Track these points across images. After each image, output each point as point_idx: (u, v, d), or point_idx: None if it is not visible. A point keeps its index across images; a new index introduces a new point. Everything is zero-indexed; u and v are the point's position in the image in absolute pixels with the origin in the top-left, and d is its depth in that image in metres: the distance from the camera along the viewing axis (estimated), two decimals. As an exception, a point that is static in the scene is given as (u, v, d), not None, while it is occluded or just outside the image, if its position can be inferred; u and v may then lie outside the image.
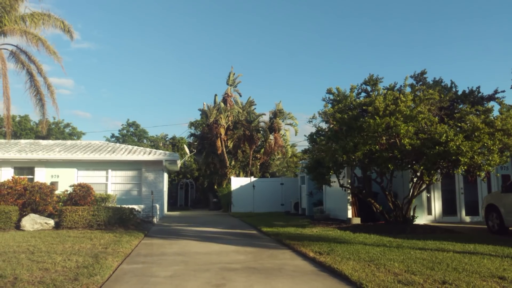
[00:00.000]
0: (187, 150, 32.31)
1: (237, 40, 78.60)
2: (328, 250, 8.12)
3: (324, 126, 14.15)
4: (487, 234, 11.06)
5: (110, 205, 15.18)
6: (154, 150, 20.71)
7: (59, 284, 5.60)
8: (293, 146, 36.18)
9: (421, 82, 13.96)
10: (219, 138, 28.62)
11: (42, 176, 17.46)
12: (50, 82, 16.78)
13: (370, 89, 13.49)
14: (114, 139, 44.62)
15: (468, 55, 72.83)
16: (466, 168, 10.94)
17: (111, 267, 6.82)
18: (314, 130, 14.35)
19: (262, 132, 30.53)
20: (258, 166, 31.17)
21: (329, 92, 13.65)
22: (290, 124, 31.38)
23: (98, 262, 7.06)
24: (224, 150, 28.94)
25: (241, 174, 30.11)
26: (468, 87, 13.87)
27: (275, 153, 30.82)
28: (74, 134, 45.39)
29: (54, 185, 15.57)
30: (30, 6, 17.26)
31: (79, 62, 72.85)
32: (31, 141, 21.97)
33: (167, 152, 21.50)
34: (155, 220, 17.11)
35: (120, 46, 76.25)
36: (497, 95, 13.20)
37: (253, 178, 25.77)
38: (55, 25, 15.98)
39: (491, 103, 13.08)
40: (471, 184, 14.43)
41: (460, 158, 10.48)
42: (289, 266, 7.11)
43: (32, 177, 17.22)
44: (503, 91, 13.17)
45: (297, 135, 35.28)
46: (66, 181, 17.29)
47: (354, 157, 11.72)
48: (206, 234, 12.50)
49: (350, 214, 14.73)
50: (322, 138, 13.70)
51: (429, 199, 14.62)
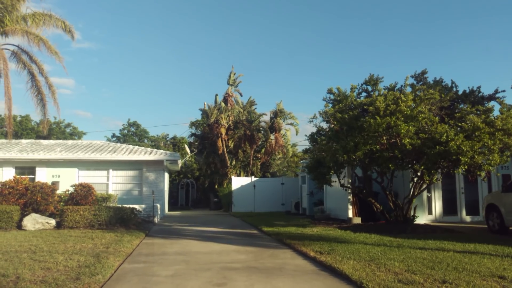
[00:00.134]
0: (188, 150, 32.35)
1: (238, 39, 78.70)
2: (328, 250, 8.15)
3: (324, 126, 14.19)
4: (488, 234, 11.08)
5: (111, 204, 15.21)
6: (155, 150, 20.73)
7: (61, 283, 5.64)
8: (293, 145, 36.19)
9: (421, 82, 13.99)
10: (220, 138, 28.63)
11: (43, 176, 17.49)
12: (52, 82, 16.81)
13: (370, 89, 13.53)
14: (115, 139, 44.67)
15: (468, 55, 72.85)
16: (466, 167, 10.95)
17: (113, 267, 6.85)
18: (314, 130, 14.40)
19: (262, 132, 30.55)
20: (258, 166, 31.18)
21: (329, 92, 13.68)
22: (291, 123, 31.42)
23: (100, 262, 7.09)
24: (225, 150, 28.97)
25: (241, 174, 30.13)
26: (468, 87, 13.94)
27: (276, 153, 30.83)
28: (75, 134, 45.46)
29: (55, 185, 15.60)
30: (31, 6, 17.27)
31: (80, 62, 73.04)
32: (32, 141, 22.01)
33: (168, 152, 21.53)
34: (156, 219, 17.14)
35: (121, 46, 76.40)
36: (497, 95, 13.27)
37: (253, 178, 25.78)
38: (56, 25, 16.00)
39: (492, 103, 13.15)
40: (472, 183, 14.46)
41: (460, 158, 10.49)
42: (289, 266, 7.14)
43: (33, 177, 17.27)
44: (504, 91, 13.26)
45: (297, 135, 35.29)
46: (67, 181, 17.33)
47: (354, 157, 11.73)
48: (207, 233, 12.53)
49: (350, 214, 14.76)
50: (322, 138, 13.71)
51: (429, 199, 14.63)
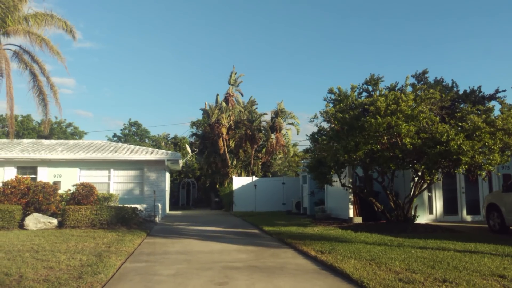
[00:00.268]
0: (189, 150, 32.39)
1: (238, 39, 78.73)
2: (329, 249, 8.18)
3: (325, 125, 14.21)
4: (488, 233, 11.09)
5: (112, 204, 15.26)
6: (156, 149, 20.77)
7: (64, 282, 5.68)
8: (294, 145, 36.22)
9: (422, 82, 14.01)
10: (221, 138, 28.67)
11: (44, 175, 17.54)
12: (53, 82, 16.87)
13: (371, 88, 13.55)
14: (116, 139, 44.74)
15: (469, 55, 72.80)
16: (467, 167, 10.96)
17: (115, 266, 6.89)
18: (315, 129, 14.42)
19: (263, 131, 30.57)
20: (259, 166, 31.20)
21: (330, 91, 13.70)
22: (292, 123, 31.42)
23: (102, 261, 7.13)
24: (226, 149, 29.00)
25: (242, 173, 30.15)
26: (469, 87, 13.95)
27: (277, 152, 30.86)
28: (76, 134, 45.53)
29: (56, 184, 15.66)
30: (32, 6, 17.32)
31: (81, 62, 73.16)
32: (34, 140, 22.08)
33: (169, 151, 21.57)
34: (157, 219, 17.19)
35: (122, 46, 76.47)
36: (498, 95, 13.29)
37: (254, 178, 25.81)
38: (58, 25, 16.06)
39: (492, 103, 13.17)
40: (472, 183, 14.48)
41: (461, 158, 10.50)
42: (291, 265, 7.17)
43: (35, 176, 17.32)
44: (504, 91, 13.29)
45: (298, 135, 35.40)
46: (68, 180, 17.38)
47: (355, 156, 11.75)
48: (208, 233, 12.56)
49: (351, 213, 14.78)
50: (323, 137, 13.73)
51: (430, 199, 14.64)
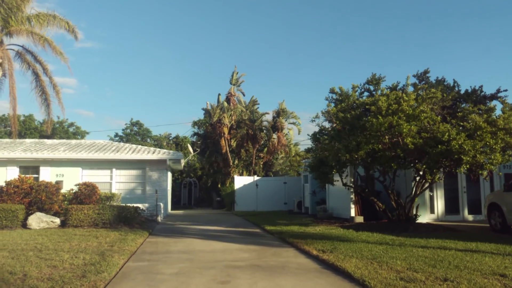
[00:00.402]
0: (191, 149, 32.44)
1: (240, 39, 78.77)
2: (331, 248, 8.21)
3: (327, 125, 14.21)
4: (489, 233, 11.10)
5: (114, 203, 15.31)
6: (158, 149, 20.83)
7: (68, 280, 5.73)
8: (296, 145, 36.27)
9: (424, 81, 14.02)
10: (223, 137, 28.72)
11: (47, 175, 17.62)
12: (55, 82, 16.92)
13: (372, 88, 13.57)
14: (117, 138, 44.87)
15: (471, 55, 72.66)
16: (468, 167, 10.97)
17: (118, 265, 6.94)
18: (317, 129, 14.43)
19: (265, 131, 30.60)
20: (261, 165, 31.25)
21: (332, 91, 13.72)
22: (293, 123, 31.46)
23: (105, 260, 7.18)
24: (227, 149, 29.05)
25: (244, 173, 30.21)
26: (470, 86, 13.97)
27: (278, 152, 30.90)
28: (78, 133, 45.67)
29: (59, 184, 15.71)
30: (35, 6, 17.37)
31: (83, 61, 73.28)
32: (36, 140, 22.17)
33: (171, 151, 21.63)
34: (159, 218, 17.24)
35: (123, 45, 76.60)
36: (499, 94, 13.29)
37: (256, 177, 25.84)
38: (60, 25, 16.12)
39: (494, 102, 13.16)
40: (474, 183, 14.49)
41: (462, 157, 10.51)
42: (292, 264, 7.20)
43: (37, 176, 17.41)
44: (506, 90, 13.28)
45: (300, 134, 35.53)
46: (71, 180, 17.46)
47: (357, 156, 11.77)
48: (210, 232, 12.61)
49: (353, 213, 14.81)
50: (325, 137, 13.74)
51: (431, 198, 14.66)
